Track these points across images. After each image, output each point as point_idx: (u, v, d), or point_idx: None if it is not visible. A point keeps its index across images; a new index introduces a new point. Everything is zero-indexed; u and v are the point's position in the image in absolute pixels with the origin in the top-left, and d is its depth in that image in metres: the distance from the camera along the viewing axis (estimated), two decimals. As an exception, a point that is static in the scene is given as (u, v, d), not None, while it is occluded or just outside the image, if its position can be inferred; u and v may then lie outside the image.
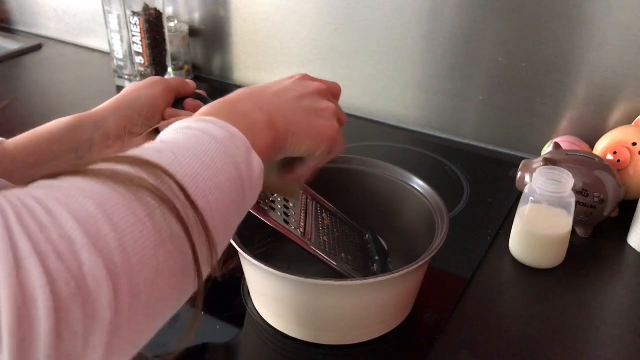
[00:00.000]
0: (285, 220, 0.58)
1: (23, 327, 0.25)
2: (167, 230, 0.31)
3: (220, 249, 0.37)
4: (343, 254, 0.63)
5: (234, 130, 0.41)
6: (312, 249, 0.59)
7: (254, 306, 0.67)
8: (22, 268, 0.25)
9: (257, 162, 0.42)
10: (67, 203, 0.28)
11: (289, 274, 0.56)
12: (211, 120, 0.41)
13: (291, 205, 0.62)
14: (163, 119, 0.57)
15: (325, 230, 0.65)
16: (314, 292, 0.59)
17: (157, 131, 0.55)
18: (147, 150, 0.36)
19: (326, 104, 0.52)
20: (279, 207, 0.60)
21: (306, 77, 0.54)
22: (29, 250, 0.25)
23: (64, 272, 0.26)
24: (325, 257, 0.60)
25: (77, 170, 0.31)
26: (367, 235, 0.72)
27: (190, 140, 0.38)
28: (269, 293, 0.62)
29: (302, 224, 0.61)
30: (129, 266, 0.28)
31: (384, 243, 0.72)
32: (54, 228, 0.27)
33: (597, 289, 0.72)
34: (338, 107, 0.54)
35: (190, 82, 0.61)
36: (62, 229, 0.27)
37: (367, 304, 0.60)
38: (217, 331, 0.64)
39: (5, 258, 0.25)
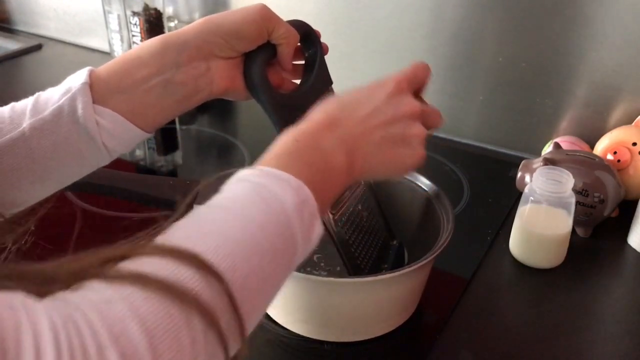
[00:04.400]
0: None
1: None
2: (204, 354, 0.32)
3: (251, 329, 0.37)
4: (356, 242, 0.63)
5: (307, 193, 0.40)
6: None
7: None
8: None
9: (317, 232, 0.41)
10: (119, 336, 0.28)
11: (294, 270, 0.56)
12: (287, 179, 0.39)
13: None
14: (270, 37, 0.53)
15: (356, 213, 0.64)
16: (319, 289, 0.59)
17: (247, 55, 0.54)
18: (209, 238, 0.35)
19: (416, 130, 0.49)
20: None
21: (402, 87, 0.50)
22: None
23: None
24: (332, 225, 0.59)
25: (138, 275, 0.31)
26: (395, 242, 0.71)
27: (258, 211, 0.37)
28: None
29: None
30: None
31: (406, 257, 0.72)
32: None
33: (597, 289, 0.72)
34: (431, 110, 0.52)
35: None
36: None
37: (371, 302, 0.60)
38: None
39: None
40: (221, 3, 1.18)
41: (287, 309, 0.63)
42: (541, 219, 0.72)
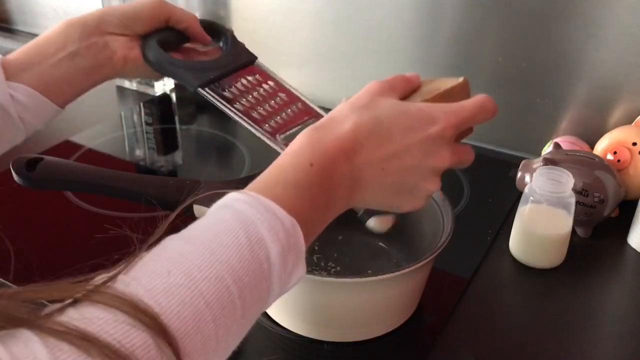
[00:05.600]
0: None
1: None
2: None
3: None
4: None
5: (298, 236, 0.38)
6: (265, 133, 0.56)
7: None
8: None
9: (297, 276, 0.40)
10: None
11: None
12: (282, 217, 0.37)
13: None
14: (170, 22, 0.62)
15: None
16: (319, 289, 0.59)
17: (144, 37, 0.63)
18: (175, 291, 0.32)
19: (430, 185, 0.46)
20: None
21: (446, 134, 0.45)
22: None
23: None
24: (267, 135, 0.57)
25: (82, 335, 0.28)
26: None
27: (240, 258, 0.35)
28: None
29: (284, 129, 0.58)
30: None
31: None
32: None
33: (597, 289, 0.72)
34: (465, 150, 0.48)
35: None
36: None
37: (371, 302, 0.60)
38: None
39: None
40: (221, 3, 1.18)
41: (287, 309, 0.63)
42: (541, 219, 0.72)
